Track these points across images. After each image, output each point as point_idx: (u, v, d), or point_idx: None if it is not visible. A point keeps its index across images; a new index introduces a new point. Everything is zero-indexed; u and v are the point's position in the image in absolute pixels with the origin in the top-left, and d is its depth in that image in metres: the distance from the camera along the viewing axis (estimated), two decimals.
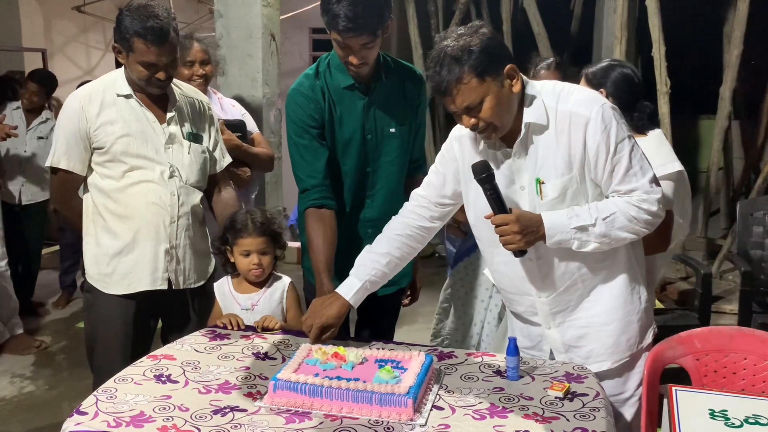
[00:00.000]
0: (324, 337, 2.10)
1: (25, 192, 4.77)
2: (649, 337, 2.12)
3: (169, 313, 2.48)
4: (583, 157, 1.91)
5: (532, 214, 1.94)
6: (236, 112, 3.31)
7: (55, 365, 4.16)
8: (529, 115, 1.93)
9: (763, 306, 3.67)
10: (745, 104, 6.87)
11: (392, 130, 2.36)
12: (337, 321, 2.12)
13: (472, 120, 1.90)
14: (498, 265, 2.12)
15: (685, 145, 7.39)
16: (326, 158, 2.32)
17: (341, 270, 2.38)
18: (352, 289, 2.12)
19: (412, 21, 6.65)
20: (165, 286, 2.43)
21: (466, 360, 2.09)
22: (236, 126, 3.16)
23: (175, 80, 2.48)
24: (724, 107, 5.83)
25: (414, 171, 2.53)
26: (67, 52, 7.23)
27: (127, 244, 2.38)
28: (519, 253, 1.96)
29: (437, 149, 5.19)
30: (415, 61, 6.68)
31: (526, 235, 1.91)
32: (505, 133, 1.95)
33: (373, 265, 2.15)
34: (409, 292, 2.67)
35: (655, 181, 1.93)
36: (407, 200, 2.43)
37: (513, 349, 1.95)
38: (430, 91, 1.95)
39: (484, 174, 1.93)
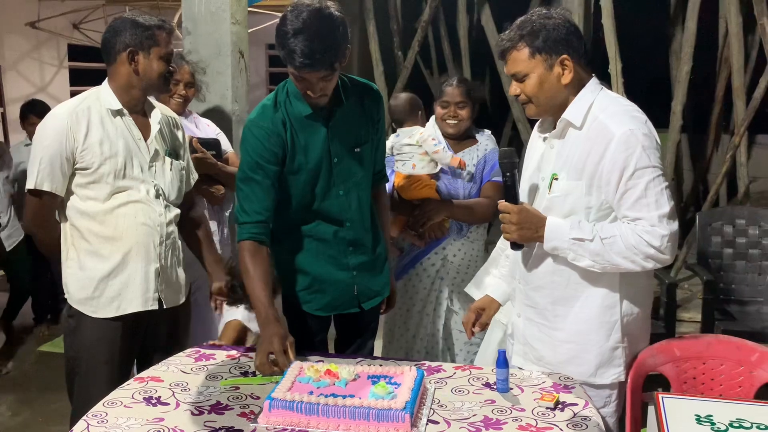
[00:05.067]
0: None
1: None
2: (607, 377, 2.06)
3: (154, 332, 2.44)
4: (596, 171, 1.93)
5: (538, 214, 2.01)
6: (211, 131, 3.30)
7: (18, 391, 4.04)
8: (569, 112, 1.99)
9: (724, 313, 3.81)
10: (693, 118, 7.11)
11: (357, 150, 2.36)
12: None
13: (517, 89, 2.03)
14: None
15: None
16: (275, 197, 2.27)
17: (325, 293, 2.40)
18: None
19: (372, 38, 6.69)
20: (156, 306, 2.39)
21: (454, 374, 2.12)
22: (211, 144, 3.14)
23: (149, 97, 2.48)
24: (676, 121, 6.02)
25: (377, 181, 2.54)
26: (20, 69, 7.06)
27: (116, 266, 2.34)
28: (514, 245, 2.06)
29: None
30: (376, 77, 6.72)
31: (521, 229, 2.00)
32: (544, 115, 2.07)
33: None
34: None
35: (669, 218, 1.89)
36: (375, 212, 2.48)
37: (502, 362, 1.98)
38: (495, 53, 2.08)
39: (506, 160, 2.03)
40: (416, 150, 2.96)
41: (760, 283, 3.87)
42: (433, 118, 3.06)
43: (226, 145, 3.31)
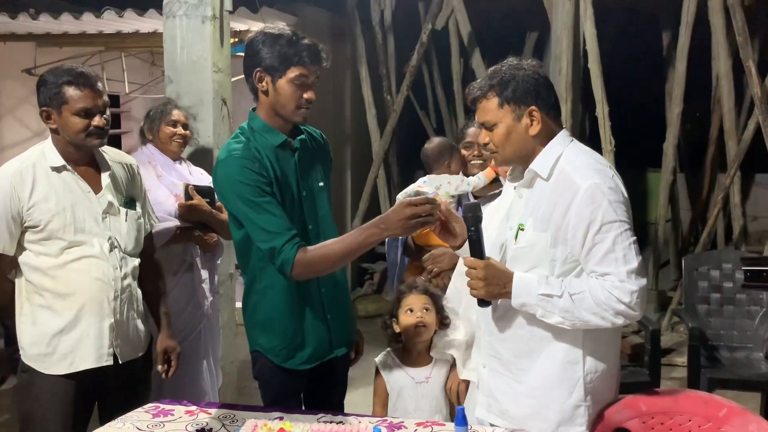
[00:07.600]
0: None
1: None
2: None
3: (111, 389, 2.39)
4: (561, 224, 1.90)
5: (505, 270, 1.97)
6: (205, 180, 3.29)
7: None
8: (536, 163, 1.98)
9: (713, 360, 3.73)
10: (689, 157, 7.09)
11: (320, 184, 2.36)
12: None
13: (486, 138, 2.03)
14: None
15: (633, 198, 7.56)
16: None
17: (305, 347, 2.32)
18: None
19: (365, 82, 6.77)
20: (111, 362, 2.35)
21: (415, 430, 2.07)
22: (205, 192, 3.14)
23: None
24: (668, 162, 6.02)
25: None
26: (18, 115, 7.12)
27: (69, 322, 2.29)
28: (481, 302, 2.01)
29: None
30: (369, 120, 6.78)
31: (488, 285, 1.95)
32: (510, 164, 2.10)
33: None
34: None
35: (638, 274, 1.87)
36: None
37: (461, 419, 1.93)
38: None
39: (470, 214, 2.00)
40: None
41: (748, 329, 3.80)
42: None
43: None
